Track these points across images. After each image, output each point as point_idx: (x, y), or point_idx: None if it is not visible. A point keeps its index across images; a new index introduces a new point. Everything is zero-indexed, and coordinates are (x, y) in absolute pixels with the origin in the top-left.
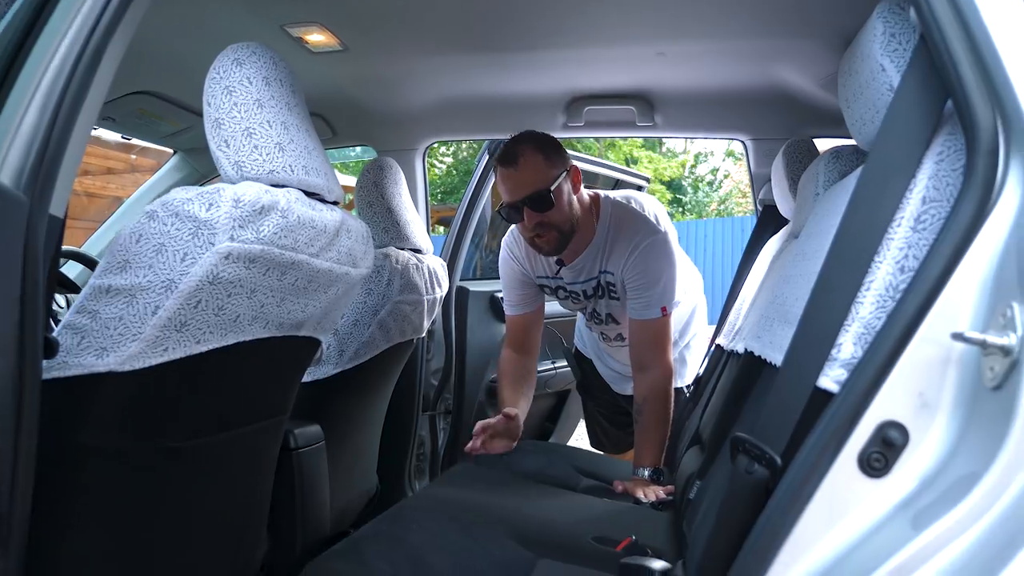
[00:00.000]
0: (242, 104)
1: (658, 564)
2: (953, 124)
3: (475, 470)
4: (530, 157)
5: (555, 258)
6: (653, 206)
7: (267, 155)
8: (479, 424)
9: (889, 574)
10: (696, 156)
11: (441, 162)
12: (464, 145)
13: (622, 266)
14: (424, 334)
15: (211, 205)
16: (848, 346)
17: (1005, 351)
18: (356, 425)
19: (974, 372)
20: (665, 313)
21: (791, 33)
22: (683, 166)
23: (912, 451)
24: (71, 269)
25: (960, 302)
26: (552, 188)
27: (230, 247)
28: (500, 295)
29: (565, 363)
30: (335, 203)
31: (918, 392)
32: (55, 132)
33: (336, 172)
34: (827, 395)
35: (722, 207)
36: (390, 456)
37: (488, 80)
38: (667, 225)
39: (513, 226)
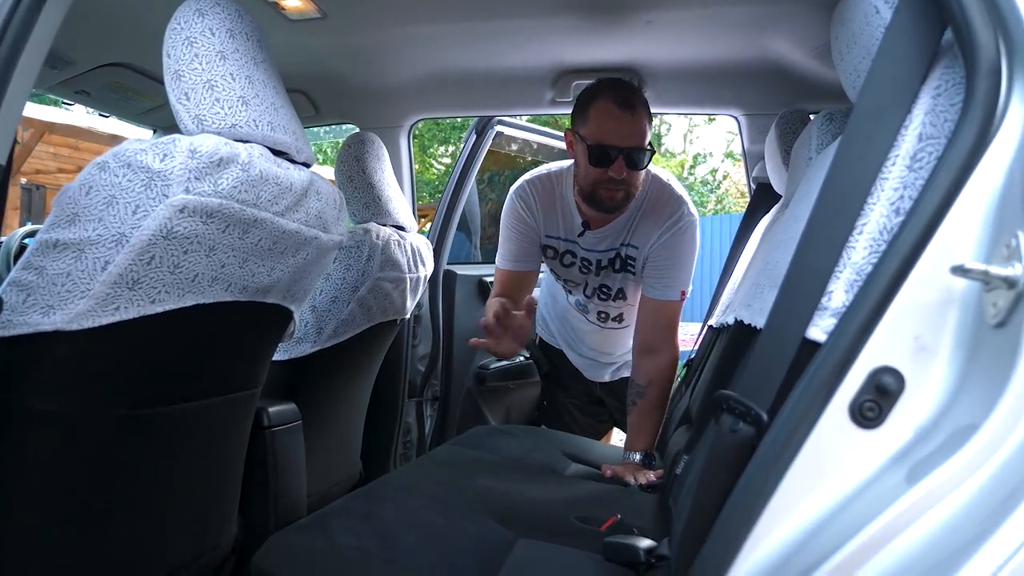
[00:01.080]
0: (204, 56)
1: (644, 542)
2: (951, 57)
3: (459, 452)
4: (641, 111)
5: (580, 221)
6: (685, 193)
7: (229, 109)
8: (494, 315)
9: (882, 529)
10: (695, 157)
11: (440, 162)
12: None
13: (651, 242)
14: (408, 315)
15: (165, 155)
16: (839, 294)
17: (1010, 282)
18: (336, 408)
19: (975, 311)
20: (683, 296)
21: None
22: (682, 166)
23: (908, 399)
24: None
25: (960, 236)
26: (651, 150)
27: (185, 199)
28: (489, 279)
29: None
30: (305, 165)
31: (914, 335)
32: None
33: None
34: (816, 346)
35: (719, 206)
36: (375, 443)
37: (473, 52)
38: (695, 211)
39: (530, 177)
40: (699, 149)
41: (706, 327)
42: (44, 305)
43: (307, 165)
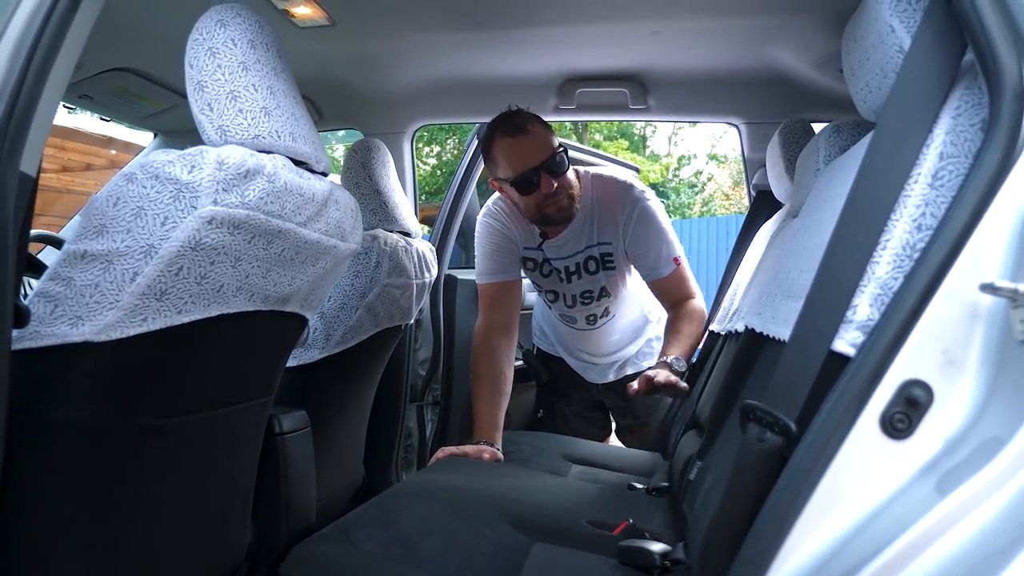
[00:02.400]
0: (226, 66)
1: (657, 546)
2: (970, 79)
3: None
4: (536, 125)
5: (538, 231)
6: (627, 176)
7: (252, 119)
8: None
9: (913, 540)
10: (680, 159)
11: (425, 163)
12: (449, 146)
13: (620, 234)
14: (413, 320)
15: (193, 167)
16: (864, 308)
17: None
18: (343, 413)
19: (1002, 326)
20: (679, 263)
21: (787, 10)
22: (667, 169)
23: (937, 411)
24: (46, 256)
25: (986, 254)
26: (563, 151)
27: (213, 211)
28: None
29: None
30: (323, 174)
31: (943, 349)
32: (26, 84)
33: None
34: (842, 359)
35: (705, 209)
36: (377, 447)
37: (479, 60)
38: (643, 186)
39: (495, 200)
40: (684, 151)
41: (707, 332)
42: (72, 316)
43: (324, 174)
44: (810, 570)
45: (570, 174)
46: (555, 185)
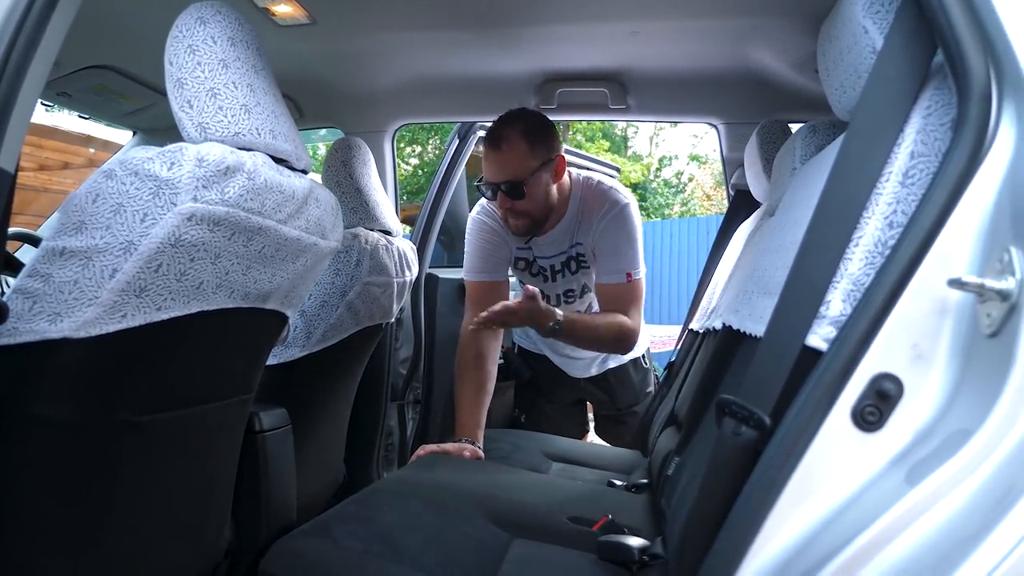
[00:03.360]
0: (206, 64)
1: (636, 541)
2: (940, 79)
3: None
4: (514, 143)
5: None
6: (615, 184)
7: (232, 117)
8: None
9: (884, 529)
10: (661, 160)
11: (407, 163)
12: (430, 147)
13: (591, 234)
14: (393, 319)
15: (173, 164)
16: (837, 303)
17: (1003, 295)
18: (323, 411)
19: (970, 321)
20: (630, 279)
21: (764, 12)
22: (648, 169)
23: (907, 403)
24: (24, 255)
25: (954, 251)
26: (528, 179)
27: (193, 208)
28: None
29: None
30: (304, 172)
31: (912, 343)
32: (4, 80)
33: None
34: (815, 354)
35: (684, 209)
36: (357, 446)
37: (459, 59)
38: (630, 197)
39: None
40: (664, 152)
41: (686, 330)
42: (51, 313)
43: (305, 172)
44: (783, 560)
45: (538, 199)
46: (509, 206)
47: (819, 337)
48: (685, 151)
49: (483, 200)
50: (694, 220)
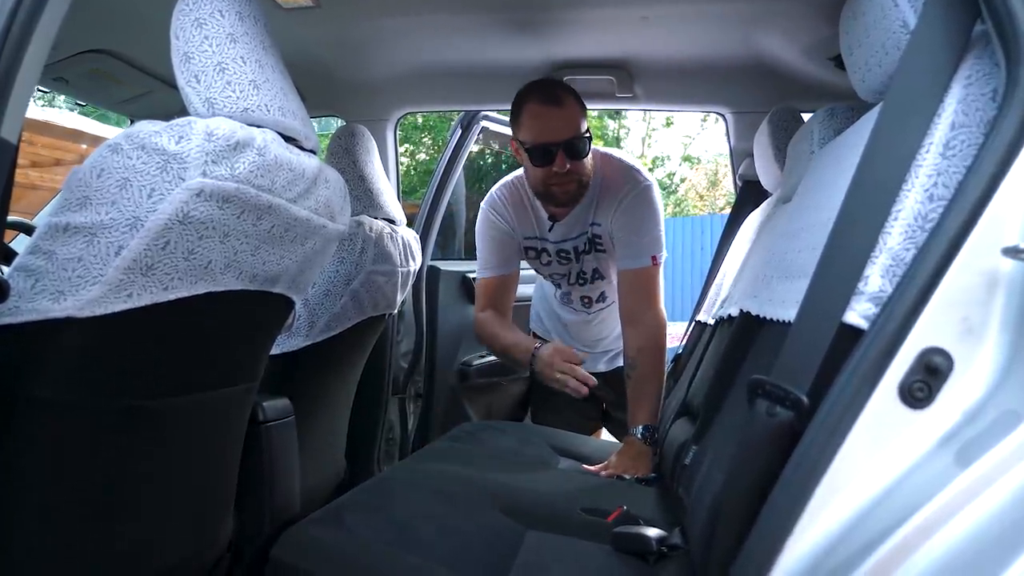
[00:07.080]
0: (213, 37)
1: (654, 532)
2: (981, 48)
3: (453, 446)
4: (572, 101)
5: (546, 216)
6: (636, 162)
7: (241, 92)
8: (569, 366)
9: (934, 513)
10: (654, 160)
11: (399, 163)
12: (426, 144)
13: (611, 216)
14: (396, 309)
15: (181, 138)
16: (876, 279)
17: None
18: (325, 403)
19: (1021, 293)
20: (655, 263)
21: None
22: None
23: (956, 379)
24: (19, 245)
25: (1006, 220)
26: (588, 136)
27: (202, 183)
28: (473, 276)
29: None
30: (312, 152)
31: (962, 316)
32: (6, 50)
33: None
34: (854, 331)
35: (677, 209)
36: (358, 440)
37: (465, 45)
38: (651, 178)
39: (498, 186)
40: (657, 153)
41: (693, 323)
42: (54, 291)
43: (313, 152)
44: (829, 543)
45: (587, 160)
46: (568, 167)
47: (857, 314)
48: (678, 152)
49: (494, 190)
50: (688, 220)
